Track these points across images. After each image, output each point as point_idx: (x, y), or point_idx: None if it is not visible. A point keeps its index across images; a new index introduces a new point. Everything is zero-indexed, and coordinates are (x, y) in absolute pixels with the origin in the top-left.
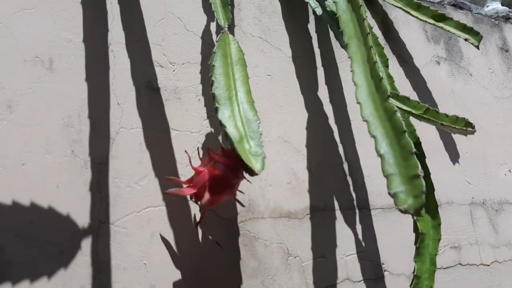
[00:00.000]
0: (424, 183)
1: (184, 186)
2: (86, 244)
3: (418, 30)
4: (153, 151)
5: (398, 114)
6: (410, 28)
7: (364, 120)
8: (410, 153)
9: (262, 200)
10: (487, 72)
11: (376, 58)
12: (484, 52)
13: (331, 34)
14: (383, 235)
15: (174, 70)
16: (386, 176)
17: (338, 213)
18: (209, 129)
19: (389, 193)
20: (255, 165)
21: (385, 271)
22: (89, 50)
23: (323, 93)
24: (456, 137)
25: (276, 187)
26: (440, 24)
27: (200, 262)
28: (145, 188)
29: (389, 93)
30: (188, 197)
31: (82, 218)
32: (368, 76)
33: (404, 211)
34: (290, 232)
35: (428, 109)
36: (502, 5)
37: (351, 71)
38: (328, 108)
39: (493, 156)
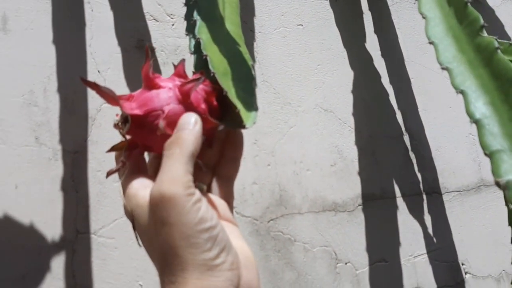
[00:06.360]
0: None
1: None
2: (58, 264)
3: None
4: None
5: (501, 54)
6: None
7: (443, 68)
8: None
9: (298, 190)
10: None
11: None
12: None
13: None
14: (460, 227)
15: (173, 24)
16: (490, 154)
17: (400, 201)
18: None
19: (497, 183)
20: (248, 115)
21: (466, 273)
22: (57, 2)
23: (372, 45)
24: None
25: (316, 171)
26: None
27: None
28: None
29: (482, 22)
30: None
31: (52, 228)
32: (443, 4)
33: None
34: (338, 230)
35: None
36: None
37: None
38: (380, 64)
39: None
